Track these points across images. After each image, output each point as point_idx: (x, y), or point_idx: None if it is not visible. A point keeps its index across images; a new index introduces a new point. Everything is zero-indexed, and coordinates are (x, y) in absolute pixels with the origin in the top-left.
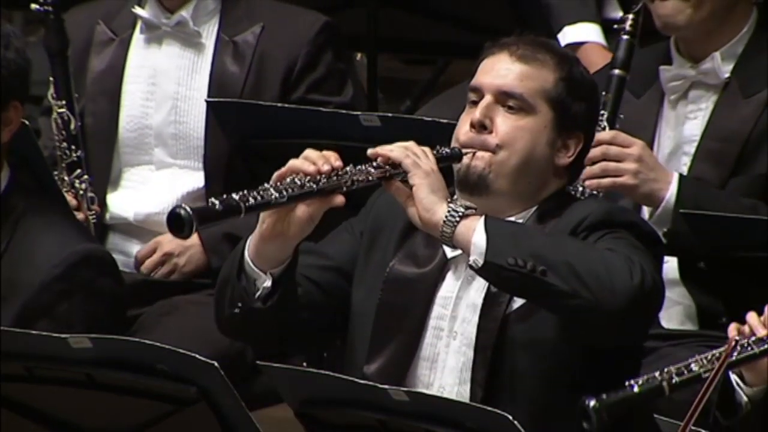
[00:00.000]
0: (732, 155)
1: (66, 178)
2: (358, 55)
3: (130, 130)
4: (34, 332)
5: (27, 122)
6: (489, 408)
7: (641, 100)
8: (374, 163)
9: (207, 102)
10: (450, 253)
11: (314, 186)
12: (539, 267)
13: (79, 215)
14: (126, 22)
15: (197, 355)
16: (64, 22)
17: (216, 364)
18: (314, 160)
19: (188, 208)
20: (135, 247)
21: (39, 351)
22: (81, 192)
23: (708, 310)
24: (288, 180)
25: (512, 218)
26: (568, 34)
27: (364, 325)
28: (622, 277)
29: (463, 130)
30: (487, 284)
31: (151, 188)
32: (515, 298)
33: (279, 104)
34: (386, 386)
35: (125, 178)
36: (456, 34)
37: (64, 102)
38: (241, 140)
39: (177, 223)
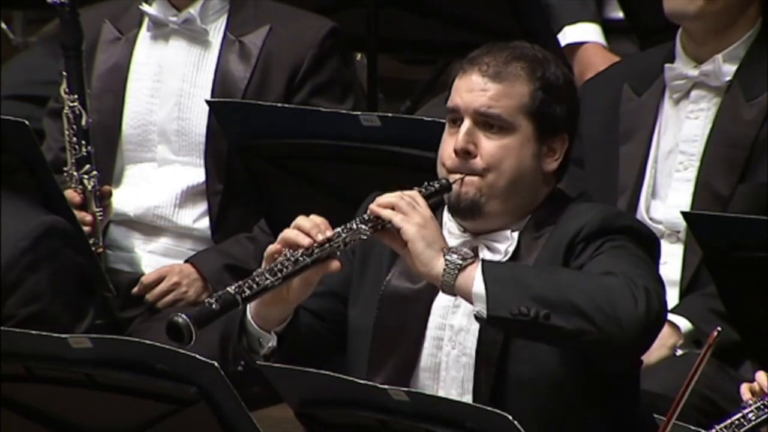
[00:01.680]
0: (740, 161)
1: (75, 173)
2: (358, 55)
3: (133, 127)
4: (33, 332)
5: (27, 122)
6: (489, 408)
7: (642, 98)
8: (365, 217)
9: (207, 102)
10: None
11: (308, 260)
12: (542, 312)
13: (84, 215)
14: (133, 21)
15: (197, 355)
16: (79, 16)
17: (216, 364)
18: (308, 230)
19: (184, 316)
20: (135, 242)
21: (39, 351)
22: (89, 188)
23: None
24: (281, 258)
25: (508, 231)
26: (568, 34)
27: (363, 342)
28: (627, 307)
29: (448, 154)
30: None
31: (152, 184)
32: None
33: (279, 104)
34: (386, 386)
35: (127, 175)
36: (456, 34)
37: (76, 96)
38: (241, 140)
39: (176, 332)
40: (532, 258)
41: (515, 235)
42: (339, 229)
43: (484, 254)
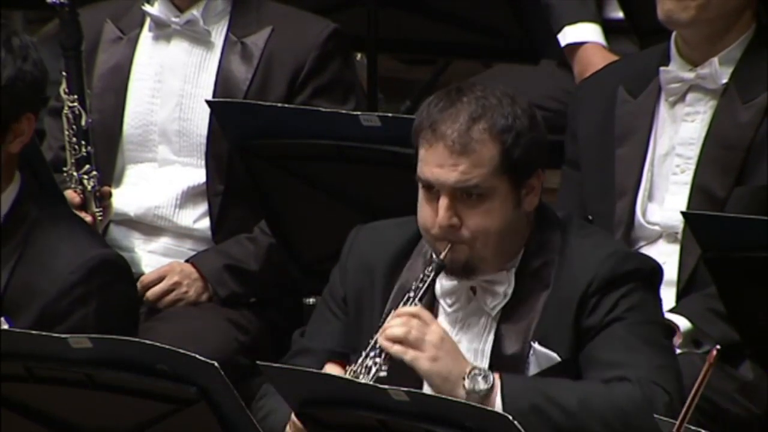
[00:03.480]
0: (736, 163)
1: (75, 173)
2: (358, 55)
3: (134, 127)
4: (34, 332)
5: None
6: (489, 408)
7: (638, 100)
8: (378, 349)
9: (207, 102)
10: (438, 290)
11: None
12: None
13: (84, 216)
14: (134, 21)
15: (197, 355)
16: (79, 16)
17: (216, 364)
18: None
19: None
20: (135, 242)
21: (39, 351)
22: (89, 189)
23: None
24: None
25: (504, 273)
26: (568, 34)
27: None
28: (647, 429)
29: (432, 222)
30: (492, 337)
31: (152, 184)
32: (530, 364)
33: (279, 104)
34: (386, 386)
35: (128, 175)
36: (456, 34)
37: (75, 96)
38: (241, 140)
39: None
40: (536, 300)
41: (511, 274)
42: (354, 368)
43: (485, 298)
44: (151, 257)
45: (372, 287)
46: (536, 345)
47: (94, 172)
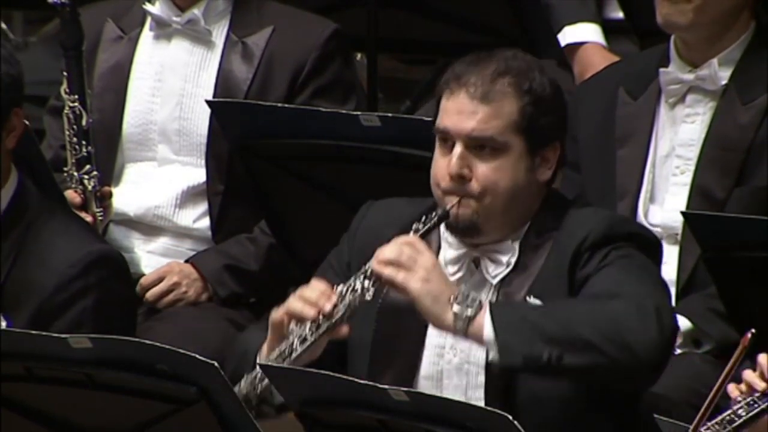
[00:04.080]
0: (735, 164)
1: (75, 173)
2: (358, 55)
3: (134, 126)
4: (34, 332)
5: (27, 122)
6: (489, 408)
7: (638, 102)
8: (367, 272)
9: (207, 102)
10: (442, 259)
11: (318, 335)
12: (554, 354)
13: (85, 216)
14: (135, 20)
15: (197, 355)
16: (80, 16)
17: (216, 364)
18: (314, 301)
19: None
20: (135, 242)
21: (39, 351)
22: (90, 188)
23: None
24: (291, 339)
25: (509, 242)
26: (568, 34)
27: (362, 356)
28: (639, 336)
29: (442, 175)
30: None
31: (152, 184)
32: None
33: (279, 104)
34: (386, 386)
35: (127, 174)
36: (456, 34)
37: (76, 96)
38: (241, 140)
39: None
40: (536, 266)
41: (516, 245)
42: (341, 288)
43: (487, 266)
44: (151, 257)
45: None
46: (532, 299)
47: (95, 172)
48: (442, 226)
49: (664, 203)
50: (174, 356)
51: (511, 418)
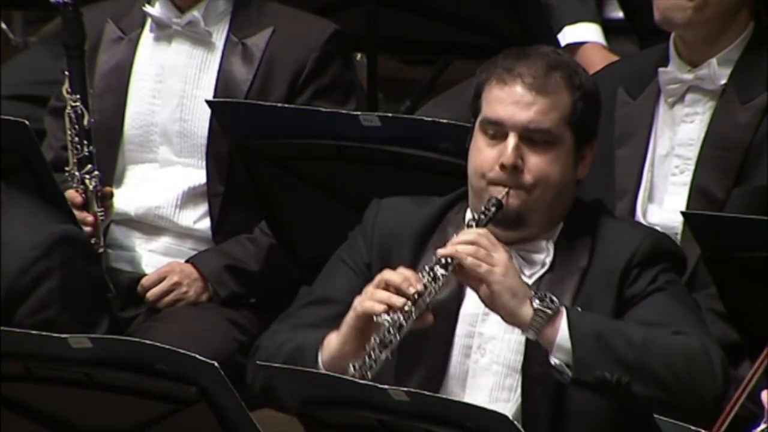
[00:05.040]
0: (735, 164)
1: (77, 173)
2: (358, 55)
3: (135, 127)
4: (34, 332)
5: (27, 122)
6: (489, 408)
7: (637, 102)
8: (443, 260)
9: (207, 102)
10: None
11: (410, 322)
12: (624, 379)
13: (86, 216)
14: (135, 21)
15: (197, 355)
16: (82, 16)
17: (216, 364)
18: (399, 286)
19: None
20: (136, 242)
21: (39, 351)
22: (91, 188)
23: None
24: (382, 337)
25: (543, 242)
26: (568, 34)
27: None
28: (707, 381)
29: (489, 166)
30: None
31: (153, 185)
32: None
33: (279, 105)
34: (386, 386)
35: (128, 176)
36: (456, 34)
37: (78, 96)
38: (241, 140)
39: None
40: (573, 271)
41: (550, 245)
42: (424, 278)
43: (521, 265)
44: (152, 257)
45: (401, 252)
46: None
47: (96, 172)
48: (468, 214)
49: (663, 203)
50: (174, 356)
51: (510, 417)
